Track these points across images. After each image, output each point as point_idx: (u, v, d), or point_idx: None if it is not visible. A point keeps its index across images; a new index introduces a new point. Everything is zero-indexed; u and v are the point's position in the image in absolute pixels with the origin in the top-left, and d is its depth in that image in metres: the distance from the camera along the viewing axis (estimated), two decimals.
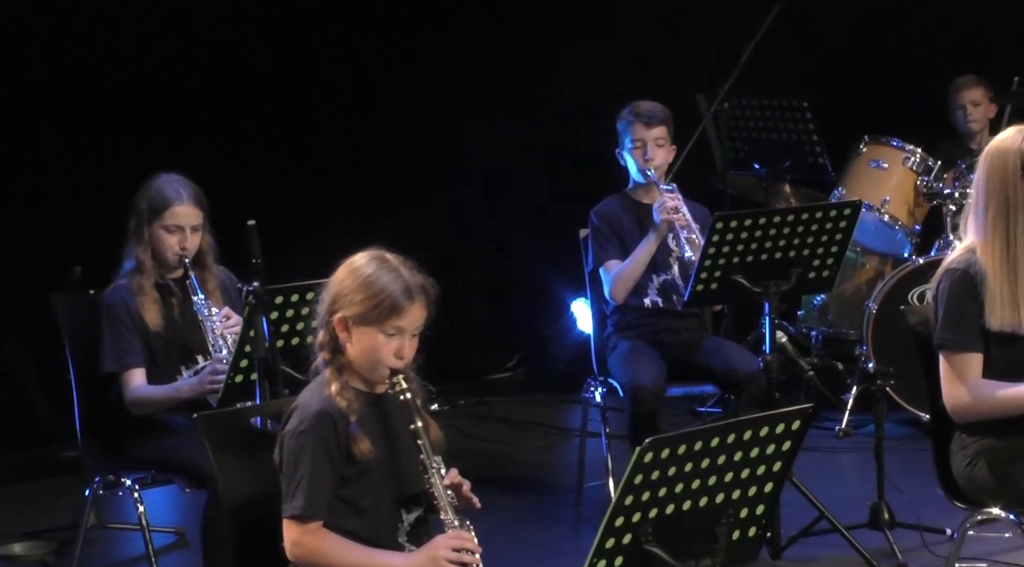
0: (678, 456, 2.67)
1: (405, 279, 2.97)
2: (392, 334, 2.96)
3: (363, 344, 2.97)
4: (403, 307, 2.95)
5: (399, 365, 2.98)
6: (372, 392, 3.03)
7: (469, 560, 2.90)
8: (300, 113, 6.54)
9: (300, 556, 2.94)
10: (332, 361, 3.00)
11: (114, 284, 4.26)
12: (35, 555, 4.85)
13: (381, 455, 2.99)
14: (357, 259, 3.02)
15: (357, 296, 2.96)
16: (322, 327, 3.01)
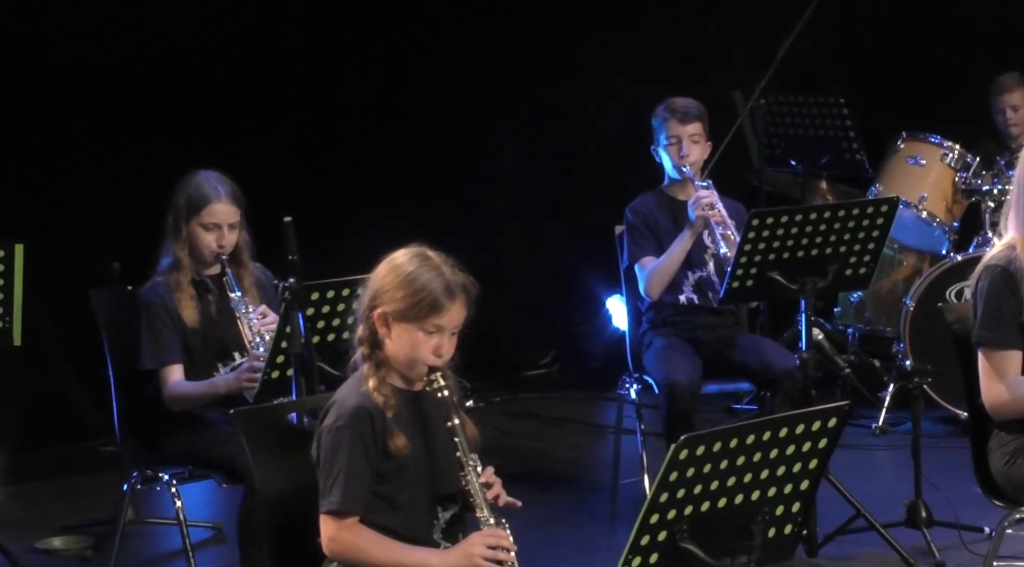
0: (713, 453, 2.67)
1: (446, 277, 2.98)
2: (432, 332, 2.97)
3: (402, 341, 2.97)
4: (444, 305, 2.96)
5: (437, 363, 2.99)
6: (409, 389, 3.04)
7: (504, 558, 2.90)
8: (336, 111, 6.55)
9: (337, 551, 2.95)
10: (370, 357, 3.00)
11: (152, 281, 4.29)
12: (74, 549, 4.89)
13: (417, 452, 3.00)
14: (399, 255, 3.02)
15: (398, 293, 2.96)
16: (362, 322, 3.02)
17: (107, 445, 5.46)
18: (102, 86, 5.94)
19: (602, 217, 5.30)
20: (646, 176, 5.18)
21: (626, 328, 5.17)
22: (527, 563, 2.97)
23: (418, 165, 6.75)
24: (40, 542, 4.91)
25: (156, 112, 6.04)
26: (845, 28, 6.73)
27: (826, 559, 4.48)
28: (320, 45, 6.49)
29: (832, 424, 2.81)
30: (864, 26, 6.86)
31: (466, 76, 6.84)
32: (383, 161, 6.65)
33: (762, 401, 5.62)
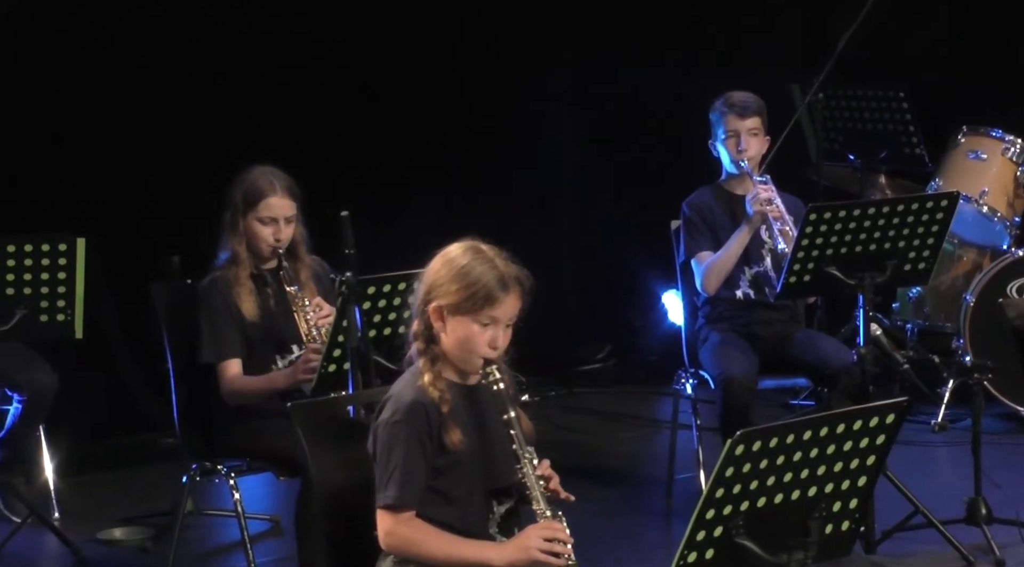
0: (770, 449, 2.65)
1: (500, 269, 2.98)
2: (486, 324, 2.97)
3: (457, 334, 2.98)
4: (498, 297, 2.96)
5: (493, 355, 2.99)
6: (465, 383, 3.05)
7: (561, 550, 2.90)
8: (392, 104, 6.57)
9: (393, 545, 2.96)
10: (426, 351, 3.01)
11: (210, 275, 4.33)
12: (135, 540, 4.94)
13: (473, 446, 3.00)
14: (452, 249, 3.03)
15: (452, 286, 2.97)
16: (417, 316, 3.03)
17: (167, 437, 5.52)
18: (162, 82, 5.99)
19: (659, 211, 5.28)
20: (703, 170, 5.16)
21: (682, 323, 5.16)
22: (583, 558, 2.97)
23: (474, 159, 6.76)
24: (101, 533, 4.96)
25: (215, 108, 6.09)
26: (905, 21, 6.66)
27: (884, 556, 4.44)
28: (375, 41, 6.51)
29: (890, 420, 2.79)
30: (924, 18, 6.79)
31: (523, 70, 6.84)
32: (440, 155, 6.67)
33: (819, 397, 5.58)
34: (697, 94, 5.23)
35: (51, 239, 4.41)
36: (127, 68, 5.92)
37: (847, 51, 5.87)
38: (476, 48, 6.75)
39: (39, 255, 4.39)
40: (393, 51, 6.56)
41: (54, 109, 5.73)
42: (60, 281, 4.42)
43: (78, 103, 5.78)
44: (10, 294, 4.39)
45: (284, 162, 4.43)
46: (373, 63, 6.52)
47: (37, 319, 4.44)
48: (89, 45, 5.80)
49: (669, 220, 5.07)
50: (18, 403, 4.93)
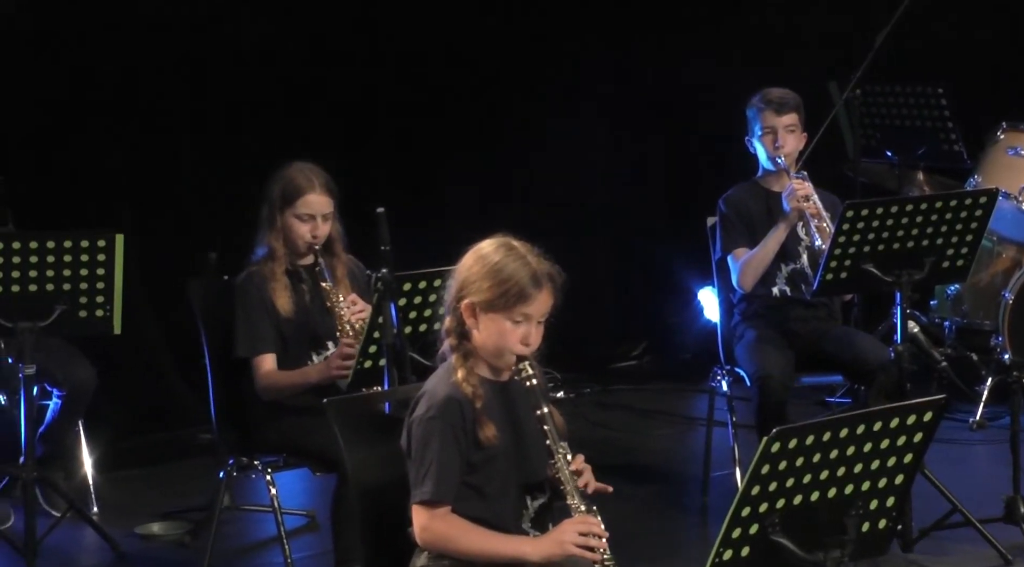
0: (806, 446, 2.65)
1: (532, 266, 2.98)
2: (519, 321, 2.97)
3: (490, 331, 2.98)
4: (530, 294, 2.96)
5: (525, 352, 2.99)
6: (498, 379, 3.05)
7: (596, 544, 2.90)
8: (429, 100, 6.59)
9: (429, 541, 2.97)
10: (459, 347, 3.02)
11: (246, 271, 4.35)
12: (172, 534, 4.97)
13: (506, 441, 3.01)
14: (484, 246, 3.03)
15: (484, 283, 2.97)
16: (449, 313, 3.04)
17: (204, 433, 5.56)
18: (200, 78, 6.02)
19: (695, 208, 5.27)
20: (740, 167, 5.15)
21: (718, 320, 5.15)
22: (618, 555, 2.96)
23: (510, 155, 6.76)
24: (140, 527, 5.00)
25: (253, 104, 6.11)
26: (943, 17, 6.61)
27: (921, 555, 4.42)
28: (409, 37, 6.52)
29: (928, 418, 2.77)
30: (963, 14, 6.74)
31: (557, 66, 6.83)
32: (475, 152, 6.68)
33: (856, 394, 5.56)
34: (734, 90, 5.21)
35: (90, 235, 4.44)
36: (165, 64, 5.96)
37: (885, 47, 5.84)
38: (512, 44, 6.75)
39: (78, 251, 4.42)
40: (428, 47, 6.57)
41: (93, 106, 5.77)
42: (99, 277, 4.45)
43: (117, 100, 5.82)
44: (50, 290, 4.42)
45: (321, 158, 4.44)
46: (409, 59, 6.53)
47: (76, 315, 4.47)
48: (127, 41, 5.84)
49: (705, 216, 5.05)
50: (58, 398, 4.97)
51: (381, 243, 3.78)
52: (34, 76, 5.65)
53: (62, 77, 5.72)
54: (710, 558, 2.65)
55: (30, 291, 4.40)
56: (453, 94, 6.66)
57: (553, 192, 6.86)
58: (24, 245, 4.39)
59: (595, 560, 2.91)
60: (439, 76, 6.62)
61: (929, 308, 6.43)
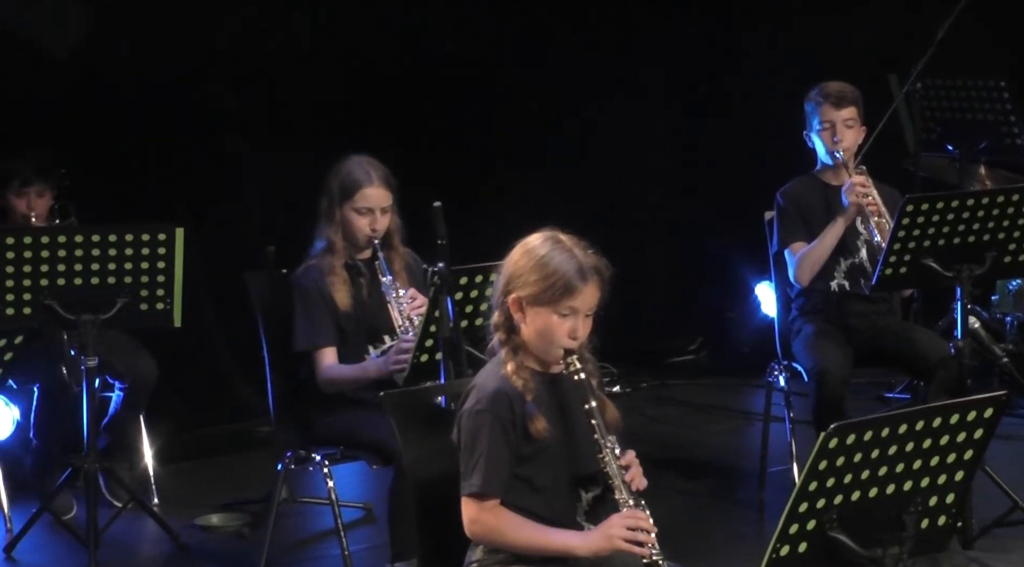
0: (864, 442, 2.63)
1: (579, 260, 2.98)
2: (566, 314, 2.97)
3: (537, 324, 2.98)
4: (577, 288, 2.96)
5: (573, 345, 2.99)
6: (547, 372, 3.05)
7: (644, 539, 2.89)
8: (485, 95, 6.60)
9: (478, 534, 2.97)
10: (507, 341, 3.02)
11: (305, 264, 4.37)
12: (231, 526, 5.02)
13: (557, 434, 3.00)
14: (532, 240, 3.03)
15: (531, 277, 2.97)
16: (497, 307, 3.04)
17: (262, 426, 5.60)
18: (259, 75, 6.07)
19: (753, 202, 5.25)
20: (798, 161, 5.12)
21: (775, 314, 5.12)
22: (673, 551, 2.96)
23: (568, 150, 6.76)
24: (199, 519, 5.04)
25: (310, 98, 6.15)
26: (1005, 9, 6.53)
27: (981, 551, 4.38)
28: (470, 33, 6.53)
29: (988, 414, 2.75)
30: None
31: (613, 59, 6.82)
32: (532, 146, 6.68)
33: (915, 390, 5.52)
34: (793, 83, 5.18)
35: (151, 229, 4.49)
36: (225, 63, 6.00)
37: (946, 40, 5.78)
38: (567, 38, 6.75)
39: (139, 244, 4.47)
40: (484, 43, 6.58)
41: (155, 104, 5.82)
42: (159, 270, 4.50)
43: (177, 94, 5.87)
44: (111, 283, 4.47)
45: (378, 151, 4.46)
46: (466, 55, 6.54)
47: (137, 308, 4.52)
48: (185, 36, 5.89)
49: (763, 211, 5.03)
50: (119, 391, 5.03)
51: (437, 237, 3.79)
52: (96, 72, 5.72)
53: (123, 73, 5.78)
54: (767, 554, 2.64)
55: (92, 284, 4.46)
56: (511, 86, 6.66)
57: (611, 185, 6.85)
58: (86, 239, 4.44)
59: (643, 555, 2.90)
60: (498, 69, 6.63)
61: (990, 303, 6.36)
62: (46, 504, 4.77)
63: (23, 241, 4.41)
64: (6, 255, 4.40)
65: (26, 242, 4.41)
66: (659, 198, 7.14)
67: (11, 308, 4.44)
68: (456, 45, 6.51)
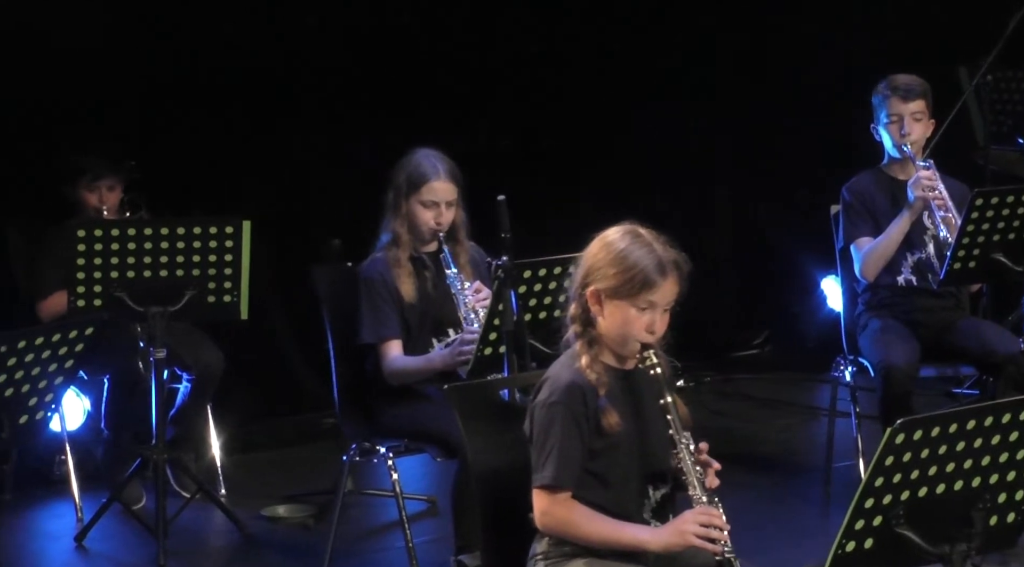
0: (931, 438, 2.61)
1: (658, 254, 2.97)
2: (644, 308, 2.97)
3: (615, 318, 2.98)
4: (656, 282, 2.95)
5: (650, 340, 2.99)
6: (622, 367, 3.05)
7: (717, 536, 2.89)
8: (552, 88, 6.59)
9: (549, 525, 2.98)
10: (583, 334, 3.02)
11: (371, 257, 4.39)
12: (297, 517, 5.06)
13: (629, 429, 3.00)
14: (611, 233, 3.03)
15: (610, 270, 2.97)
16: (574, 300, 3.04)
17: (328, 418, 5.64)
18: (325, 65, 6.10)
19: (818, 196, 5.21)
20: (865, 155, 5.07)
21: (841, 309, 5.09)
22: (738, 546, 2.95)
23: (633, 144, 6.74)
24: (265, 510, 5.09)
25: (375, 92, 6.18)
26: None
27: None
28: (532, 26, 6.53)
29: None
30: None
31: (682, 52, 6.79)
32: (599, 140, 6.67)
33: (984, 386, 5.44)
34: (860, 76, 5.14)
35: (218, 222, 4.53)
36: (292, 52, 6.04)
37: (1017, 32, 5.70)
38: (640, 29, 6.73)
39: (207, 237, 4.52)
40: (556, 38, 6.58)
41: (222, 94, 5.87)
42: (227, 263, 4.55)
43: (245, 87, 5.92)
44: (179, 275, 4.52)
45: (446, 145, 4.47)
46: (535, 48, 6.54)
47: (205, 300, 4.57)
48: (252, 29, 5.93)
49: (829, 205, 4.99)
50: (187, 382, 5.09)
51: (502, 230, 3.80)
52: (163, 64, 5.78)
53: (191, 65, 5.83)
54: (832, 549, 2.63)
55: (161, 276, 4.51)
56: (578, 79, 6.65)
57: (676, 179, 6.83)
58: (156, 231, 4.50)
59: (716, 552, 2.89)
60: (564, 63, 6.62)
61: None
62: (116, 494, 4.83)
63: (94, 234, 4.48)
64: (77, 248, 4.47)
65: (97, 235, 4.48)
66: (725, 192, 7.10)
67: (82, 300, 4.50)
68: (528, 39, 6.51)
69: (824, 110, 6.67)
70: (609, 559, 2.95)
